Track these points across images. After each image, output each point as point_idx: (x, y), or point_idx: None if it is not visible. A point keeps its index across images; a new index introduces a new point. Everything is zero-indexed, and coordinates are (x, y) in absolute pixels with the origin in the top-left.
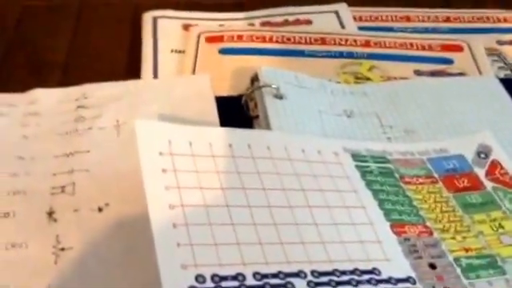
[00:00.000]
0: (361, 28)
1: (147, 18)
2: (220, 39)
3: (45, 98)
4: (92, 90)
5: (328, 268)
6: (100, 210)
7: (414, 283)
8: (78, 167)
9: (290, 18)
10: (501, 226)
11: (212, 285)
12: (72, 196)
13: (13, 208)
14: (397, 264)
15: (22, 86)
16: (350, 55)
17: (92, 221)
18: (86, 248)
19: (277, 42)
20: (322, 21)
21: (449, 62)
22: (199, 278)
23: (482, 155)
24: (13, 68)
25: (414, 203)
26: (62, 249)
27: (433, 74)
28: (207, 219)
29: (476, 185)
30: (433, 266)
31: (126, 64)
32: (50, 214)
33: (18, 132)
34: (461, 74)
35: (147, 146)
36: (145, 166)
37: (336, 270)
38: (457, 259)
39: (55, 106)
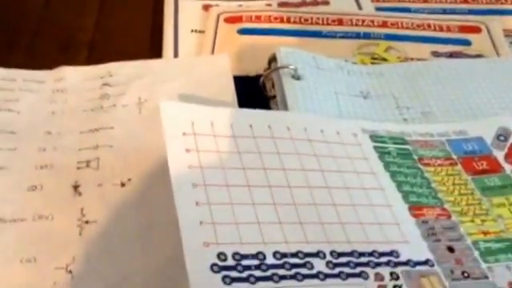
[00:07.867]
0: (378, 9)
1: None
2: (239, 19)
3: (72, 75)
4: (116, 68)
5: (347, 249)
6: (123, 184)
7: (433, 266)
8: (102, 143)
9: None
10: None
11: (233, 262)
12: (96, 171)
13: (40, 181)
14: (415, 246)
15: (50, 64)
16: (367, 36)
17: (115, 195)
18: (109, 221)
19: (294, 22)
20: (340, 1)
21: (466, 43)
22: (221, 256)
23: (502, 138)
24: (42, 46)
25: (433, 185)
26: (87, 221)
27: (450, 55)
28: (229, 198)
29: (495, 168)
30: (451, 249)
31: (149, 43)
32: (76, 187)
33: (47, 108)
34: (478, 56)
35: (172, 126)
36: (169, 146)
37: (355, 251)
38: (475, 243)
39: (82, 84)
